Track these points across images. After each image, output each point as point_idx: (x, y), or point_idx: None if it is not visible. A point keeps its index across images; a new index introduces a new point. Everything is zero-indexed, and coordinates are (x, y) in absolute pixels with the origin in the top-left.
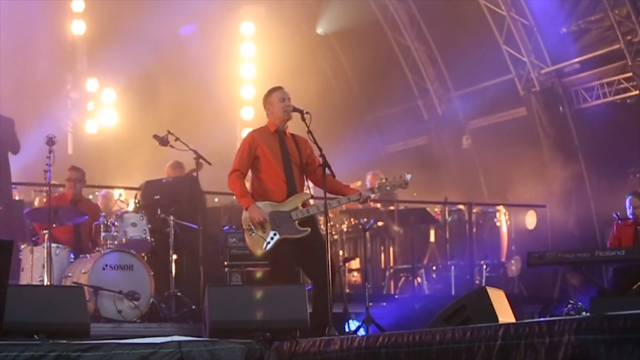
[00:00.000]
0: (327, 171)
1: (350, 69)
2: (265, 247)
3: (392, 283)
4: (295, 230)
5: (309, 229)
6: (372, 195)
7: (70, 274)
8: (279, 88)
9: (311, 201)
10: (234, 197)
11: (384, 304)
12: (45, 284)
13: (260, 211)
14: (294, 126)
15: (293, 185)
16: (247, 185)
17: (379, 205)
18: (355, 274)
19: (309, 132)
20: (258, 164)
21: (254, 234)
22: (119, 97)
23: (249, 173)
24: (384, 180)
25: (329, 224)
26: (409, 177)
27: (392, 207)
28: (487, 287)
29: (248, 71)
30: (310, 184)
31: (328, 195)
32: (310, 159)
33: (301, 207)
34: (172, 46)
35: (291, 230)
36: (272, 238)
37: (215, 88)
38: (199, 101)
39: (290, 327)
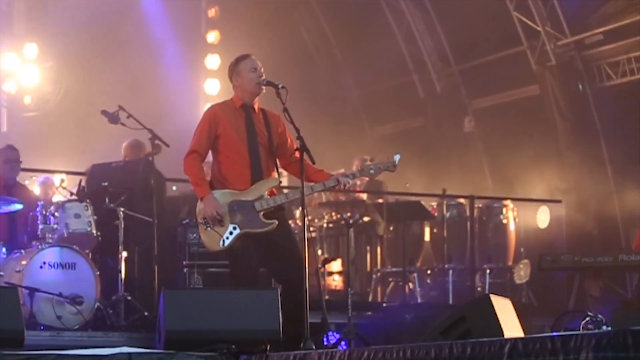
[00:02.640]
0: (306, 157)
1: (333, 36)
2: (223, 244)
3: (379, 289)
4: (259, 223)
5: (276, 222)
6: (351, 182)
7: (1, 273)
8: (247, 56)
9: (281, 189)
10: None
11: (370, 313)
12: None
13: (215, 204)
14: (266, 104)
15: (259, 170)
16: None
17: (364, 197)
18: (336, 277)
19: (285, 110)
20: (218, 144)
21: (209, 228)
22: (63, 67)
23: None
24: (368, 162)
25: (306, 218)
26: (397, 158)
27: (380, 200)
28: (490, 295)
29: (212, 37)
30: (283, 171)
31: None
32: (282, 139)
33: (267, 196)
34: (124, 7)
35: (254, 224)
36: (230, 233)
37: (174, 58)
38: (155, 72)
39: (259, 338)
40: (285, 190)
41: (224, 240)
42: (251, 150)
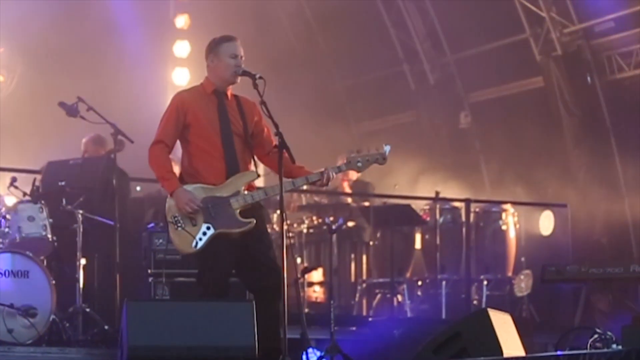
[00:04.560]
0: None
1: (315, 20)
2: (196, 245)
3: (364, 301)
4: (236, 222)
5: (254, 221)
6: (334, 174)
7: None
8: (232, 39)
9: (259, 183)
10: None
11: (354, 328)
12: None
13: (189, 196)
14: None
15: (234, 162)
16: (177, 169)
17: (349, 200)
18: (317, 288)
19: (263, 102)
20: (188, 134)
21: (180, 228)
22: (16, 53)
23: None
24: (354, 154)
25: (285, 222)
26: (387, 149)
27: (366, 203)
28: (488, 309)
29: (181, 22)
30: (261, 163)
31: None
32: (257, 128)
33: (244, 192)
34: None
35: (230, 223)
36: (204, 233)
37: (139, 44)
38: (118, 60)
39: (232, 355)
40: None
41: (197, 242)
42: (225, 140)
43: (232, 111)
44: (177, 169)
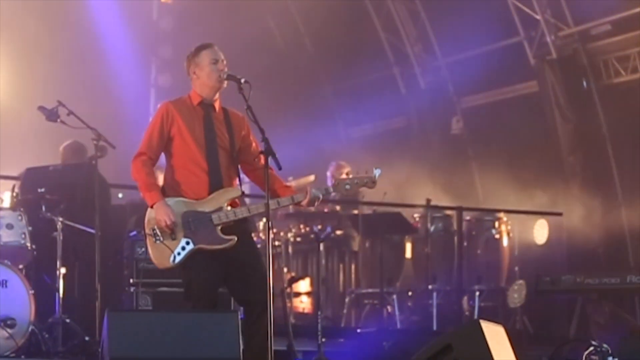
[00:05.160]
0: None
1: (303, 22)
2: (173, 260)
3: (353, 312)
4: (216, 238)
5: (235, 239)
6: (321, 197)
7: None
8: (208, 45)
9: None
10: None
11: (342, 340)
12: None
13: (167, 211)
14: (226, 100)
15: (218, 177)
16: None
17: (337, 207)
18: (304, 299)
19: (248, 107)
20: (171, 146)
21: (158, 241)
22: None
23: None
24: (343, 177)
25: (270, 230)
26: (377, 173)
27: (355, 211)
28: (480, 320)
29: (165, 24)
30: (246, 179)
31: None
32: (245, 142)
33: (227, 208)
34: None
35: (210, 239)
36: (183, 248)
37: (122, 46)
38: (100, 63)
39: None
40: (248, 201)
41: (174, 256)
42: (209, 154)
43: (219, 124)
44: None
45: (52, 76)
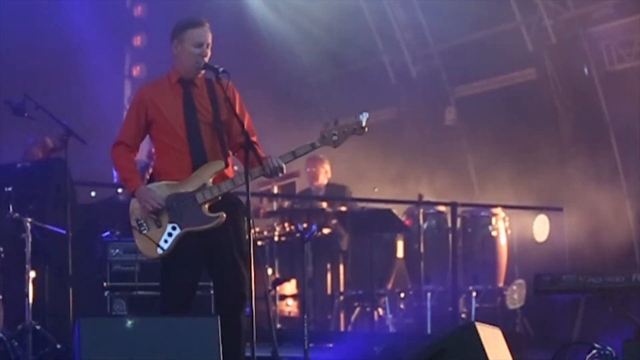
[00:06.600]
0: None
1: (286, 7)
2: (162, 249)
3: (342, 316)
4: (203, 218)
5: (224, 215)
6: (282, 164)
7: None
8: (199, 24)
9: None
10: (119, 191)
11: (331, 345)
12: None
13: (150, 194)
14: None
15: (201, 154)
16: None
17: (324, 204)
18: (289, 302)
19: (227, 99)
20: (152, 131)
21: (144, 231)
22: None
23: None
24: (330, 126)
25: (252, 230)
26: (364, 117)
27: (343, 208)
28: (477, 323)
29: (140, 10)
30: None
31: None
32: (229, 117)
33: (211, 184)
34: None
35: (197, 220)
36: (169, 234)
37: (93, 34)
38: (70, 53)
39: None
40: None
41: (162, 245)
42: (190, 133)
43: (201, 99)
44: None
45: (18, 67)
